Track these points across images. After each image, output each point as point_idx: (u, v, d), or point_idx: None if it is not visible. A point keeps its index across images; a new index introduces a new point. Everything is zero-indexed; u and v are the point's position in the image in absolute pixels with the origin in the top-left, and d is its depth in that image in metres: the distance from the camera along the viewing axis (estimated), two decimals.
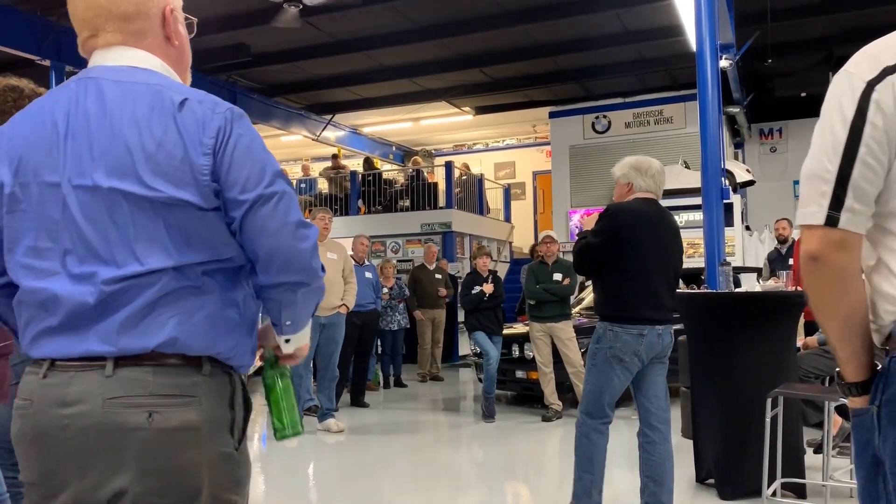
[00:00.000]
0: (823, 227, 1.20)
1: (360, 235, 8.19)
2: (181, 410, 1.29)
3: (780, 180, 15.53)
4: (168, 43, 1.47)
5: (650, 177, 3.69)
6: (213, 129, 1.33)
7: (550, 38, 10.89)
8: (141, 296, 1.29)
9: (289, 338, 1.49)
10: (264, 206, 1.33)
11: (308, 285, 1.39)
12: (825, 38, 10.96)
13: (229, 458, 1.36)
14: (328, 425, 6.46)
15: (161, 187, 1.29)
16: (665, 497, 3.58)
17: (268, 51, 11.15)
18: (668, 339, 3.60)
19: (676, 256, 3.72)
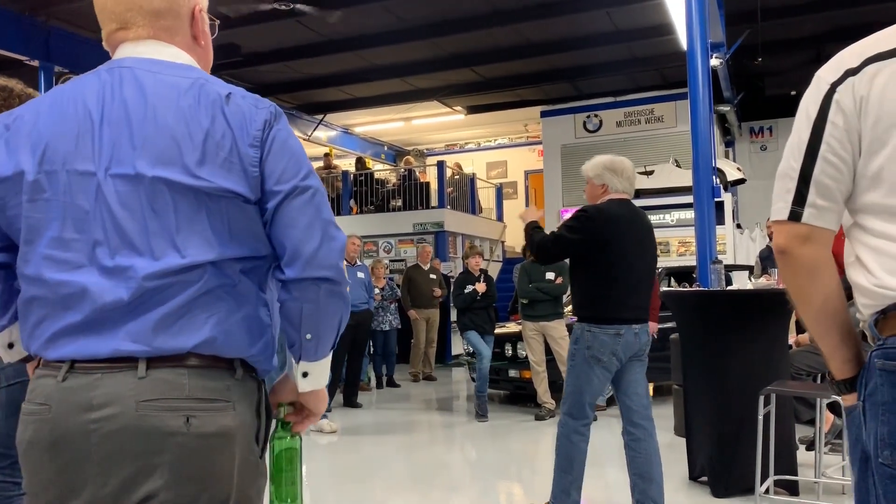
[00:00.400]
0: (788, 221, 1.27)
1: (351, 235, 8.15)
2: (218, 415, 1.25)
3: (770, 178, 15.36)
4: (195, 42, 1.47)
5: (625, 178, 3.74)
6: (259, 122, 1.33)
7: (542, 37, 10.90)
8: (180, 294, 1.25)
9: (307, 370, 1.39)
10: (299, 197, 1.33)
11: (332, 282, 1.33)
12: (815, 36, 11.01)
13: (255, 467, 1.33)
14: (321, 426, 6.45)
15: (209, 177, 1.28)
16: (655, 492, 3.60)
17: (258, 50, 11.12)
18: (645, 338, 3.63)
19: (652, 255, 3.78)
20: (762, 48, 10.62)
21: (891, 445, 1.16)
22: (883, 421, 1.18)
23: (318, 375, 1.41)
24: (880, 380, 1.21)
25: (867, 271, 1.25)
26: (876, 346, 1.24)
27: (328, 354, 1.41)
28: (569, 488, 3.60)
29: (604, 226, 3.55)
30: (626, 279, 3.56)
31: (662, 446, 5.58)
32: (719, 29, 8.78)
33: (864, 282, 1.25)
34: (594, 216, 3.60)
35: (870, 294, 1.25)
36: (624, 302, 3.54)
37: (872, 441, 1.21)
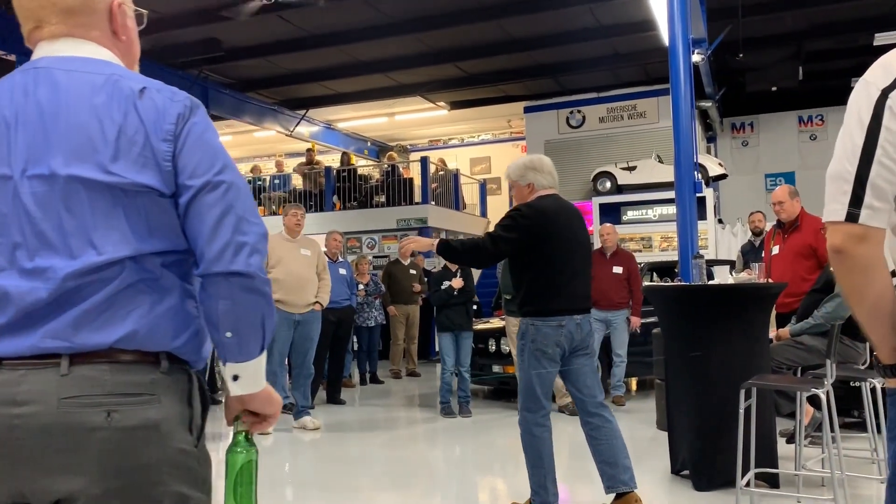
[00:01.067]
0: (845, 222, 1.32)
1: (333, 232, 8.13)
2: (141, 409, 1.27)
3: (751, 173, 15.72)
4: (115, 37, 1.46)
5: (547, 173, 3.84)
6: (172, 116, 1.33)
7: (524, 32, 10.90)
8: (100, 291, 1.27)
9: (236, 373, 1.37)
10: (210, 192, 1.32)
11: (245, 277, 1.32)
12: (795, 32, 11.10)
13: (189, 455, 1.34)
14: (304, 423, 6.42)
15: (123, 172, 1.28)
16: (623, 476, 3.65)
17: (239, 45, 11.05)
18: (587, 328, 3.73)
19: (585, 245, 3.89)
20: (743, 44, 10.69)
21: None
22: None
23: (250, 378, 1.38)
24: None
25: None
26: None
27: (258, 356, 1.37)
28: (544, 481, 3.64)
29: (537, 221, 3.64)
30: (564, 271, 3.66)
31: (645, 440, 5.63)
32: (701, 25, 8.82)
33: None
34: (528, 213, 3.68)
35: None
36: (563, 293, 3.64)
37: None
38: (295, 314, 6.25)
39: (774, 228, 5.94)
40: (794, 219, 5.64)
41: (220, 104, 12.78)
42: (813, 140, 15.36)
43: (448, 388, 6.99)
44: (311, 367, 6.52)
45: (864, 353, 4.56)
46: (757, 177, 15.64)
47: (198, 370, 1.41)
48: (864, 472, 4.37)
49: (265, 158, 18.45)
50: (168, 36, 10.28)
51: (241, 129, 15.89)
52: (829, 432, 3.63)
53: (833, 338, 3.73)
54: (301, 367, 6.45)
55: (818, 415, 4.57)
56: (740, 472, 3.62)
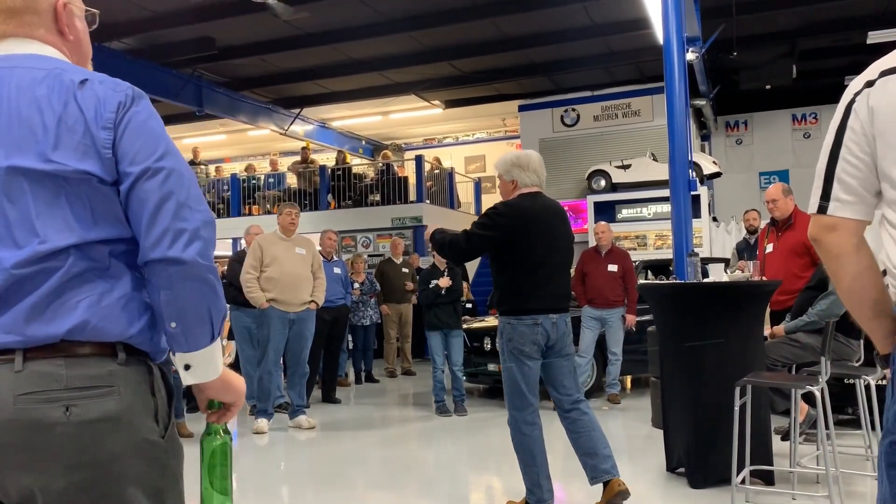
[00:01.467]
0: (817, 214, 1.46)
1: (327, 231, 8.12)
2: (100, 401, 1.26)
3: (746, 172, 15.76)
4: (62, 37, 1.47)
5: (532, 171, 3.83)
6: (113, 105, 1.34)
7: (519, 31, 10.90)
8: (47, 280, 1.26)
9: (188, 362, 1.36)
10: (149, 179, 1.32)
11: (183, 264, 1.30)
12: (788, 31, 11.12)
13: (155, 446, 1.33)
14: (299, 422, 6.41)
15: (63, 160, 1.29)
16: (604, 464, 3.67)
17: (233, 44, 11.01)
18: (563, 327, 3.72)
19: (566, 244, 3.88)
20: (737, 42, 10.70)
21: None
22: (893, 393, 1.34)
23: (202, 366, 1.37)
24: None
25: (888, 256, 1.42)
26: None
27: (208, 345, 1.36)
28: (538, 479, 3.65)
29: (513, 220, 3.66)
30: (540, 270, 3.67)
31: (640, 438, 5.63)
32: (695, 23, 8.83)
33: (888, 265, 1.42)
34: (503, 212, 3.71)
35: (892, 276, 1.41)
36: (538, 293, 3.65)
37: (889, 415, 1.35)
38: (290, 313, 6.24)
39: (768, 226, 5.95)
40: (787, 217, 5.65)
41: (215, 103, 12.74)
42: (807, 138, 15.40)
43: (441, 386, 6.99)
44: (306, 366, 6.52)
45: (858, 350, 4.57)
46: (751, 175, 15.67)
47: (161, 362, 1.41)
48: (859, 468, 4.38)
49: (259, 157, 18.42)
50: (161, 35, 10.25)
51: (236, 128, 15.85)
52: (823, 429, 3.64)
53: (827, 335, 3.73)
54: (296, 366, 6.44)
55: (813, 412, 4.58)
56: (735, 469, 3.63)
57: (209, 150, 17.92)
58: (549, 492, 3.67)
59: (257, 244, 6.31)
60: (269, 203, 14.15)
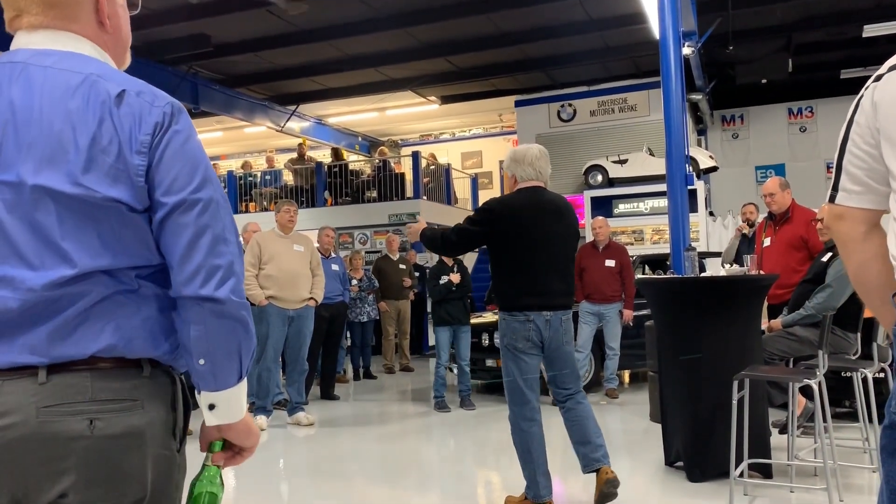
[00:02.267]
0: (828, 203, 1.53)
1: (325, 227, 8.12)
2: (124, 416, 1.23)
3: (742, 166, 15.77)
4: (101, 28, 1.37)
5: (528, 164, 3.82)
6: (149, 125, 1.25)
7: (515, 26, 10.88)
8: (73, 304, 1.22)
9: (212, 402, 1.31)
10: (185, 213, 1.25)
11: (218, 303, 1.25)
12: (784, 25, 11.12)
13: (171, 461, 1.30)
14: (298, 419, 6.42)
15: (93, 185, 1.21)
16: (595, 452, 3.70)
17: (229, 41, 10.98)
18: (557, 325, 3.67)
19: (563, 239, 3.79)
20: (733, 37, 10.71)
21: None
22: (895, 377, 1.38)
23: (228, 407, 1.32)
24: None
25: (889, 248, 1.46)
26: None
27: (235, 384, 1.31)
28: (535, 475, 3.66)
29: (503, 216, 3.66)
30: (531, 266, 3.65)
31: (638, 432, 5.65)
32: (691, 17, 8.82)
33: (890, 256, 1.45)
34: (493, 208, 3.72)
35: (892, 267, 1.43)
36: (530, 289, 3.64)
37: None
38: (289, 310, 6.24)
39: (766, 220, 5.96)
40: (785, 210, 5.66)
41: (210, 100, 12.72)
42: (803, 132, 15.41)
43: (442, 382, 7.00)
44: (304, 362, 6.52)
45: (855, 343, 4.59)
46: (747, 169, 15.69)
47: (182, 372, 1.38)
48: (856, 461, 4.40)
49: (256, 154, 18.39)
50: (156, 32, 10.21)
51: (232, 125, 15.81)
52: (821, 422, 3.65)
53: (825, 328, 3.75)
54: (295, 362, 6.45)
55: (810, 405, 4.60)
56: (733, 462, 3.64)
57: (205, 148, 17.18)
58: (546, 487, 3.68)
59: (256, 241, 6.30)
60: (266, 200, 14.13)
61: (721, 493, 3.84)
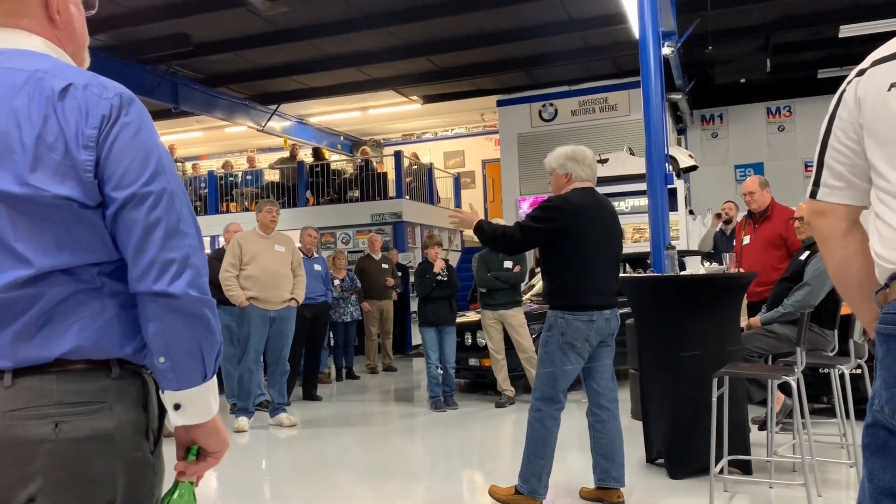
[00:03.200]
0: (809, 199, 1.53)
1: (307, 227, 8.09)
2: (91, 418, 1.20)
3: (721, 164, 15.90)
4: (51, 23, 1.34)
5: (587, 166, 3.85)
6: (96, 118, 1.22)
7: (496, 26, 10.90)
8: (35, 305, 1.20)
9: (178, 401, 1.26)
10: (136, 207, 1.22)
11: (174, 298, 1.22)
12: (762, 25, 11.23)
13: (145, 463, 1.28)
14: (280, 420, 6.40)
15: (41, 184, 1.18)
16: (616, 472, 3.75)
17: (209, 40, 10.90)
18: (615, 323, 3.76)
19: (617, 241, 3.89)
20: (712, 37, 10.79)
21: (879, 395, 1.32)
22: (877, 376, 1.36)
23: (194, 407, 1.27)
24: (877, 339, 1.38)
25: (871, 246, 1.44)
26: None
27: (199, 384, 1.26)
28: (540, 473, 3.67)
29: (569, 214, 3.65)
30: (595, 266, 3.66)
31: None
32: (670, 17, 8.88)
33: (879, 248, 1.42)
34: (559, 205, 3.69)
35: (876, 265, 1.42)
36: (594, 288, 3.65)
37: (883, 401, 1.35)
38: (270, 311, 6.22)
39: (745, 218, 6.02)
40: (764, 209, 5.72)
41: (190, 99, 12.62)
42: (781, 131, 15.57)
43: (436, 381, 6.98)
44: (286, 363, 6.50)
45: (832, 340, 4.64)
46: (727, 168, 15.82)
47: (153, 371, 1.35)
48: (834, 456, 4.46)
49: (237, 154, 18.28)
50: (135, 31, 10.12)
51: (212, 125, 15.71)
52: (799, 419, 3.69)
53: (802, 326, 3.79)
54: (277, 363, 6.42)
55: (789, 402, 4.65)
56: (714, 459, 3.68)
57: (186, 148, 17.75)
58: (545, 488, 3.70)
59: (236, 242, 6.27)
60: (247, 200, 14.05)
61: (702, 490, 3.87)
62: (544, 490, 3.69)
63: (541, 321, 7.46)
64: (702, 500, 3.74)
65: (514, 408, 6.89)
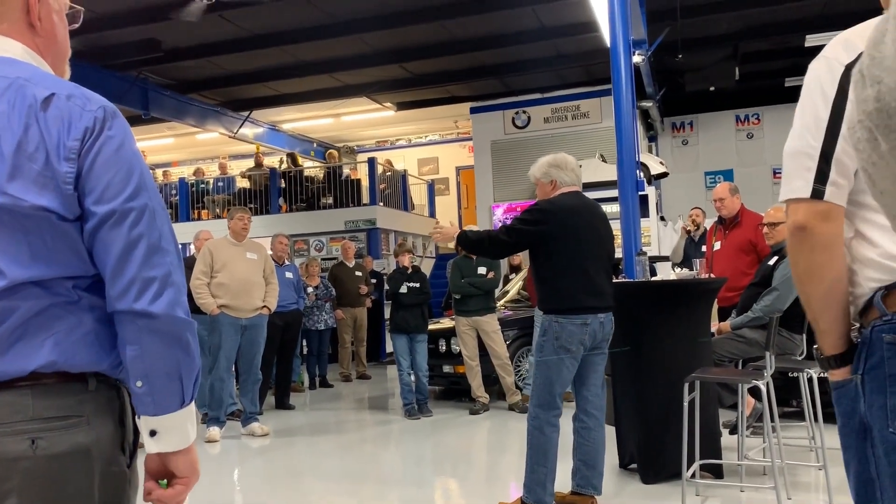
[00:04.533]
0: (809, 199, 1.28)
1: (278, 235, 8.03)
2: (69, 433, 1.17)
3: (691, 171, 16.08)
4: (32, 30, 1.31)
5: (570, 170, 3.86)
6: (79, 131, 1.19)
7: (468, 33, 10.94)
8: (8, 318, 1.16)
9: (154, 428, 1.22)
10: (116, 222, 1.19)
11: (153, 319, 1.19)
12: (731, 34, 11.40)
13: (121, 478, 1.25)
14: (252, 429, 6.33)
15: (19, 193, 1.15)
16: (596, 480, 3.75)
17: (180, 46, 10.80)
18: (609, 327, 3.76)
19: (609, 243, 3.90)
20: (682, 45, 10.93)
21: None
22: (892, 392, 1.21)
23: (171, 434, 1.24)
24: (889, 353, 1.23)
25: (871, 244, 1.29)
26: (883, 321, 1.25)
27: (178, 409, 1.23)
28: (544, 480, 3.65)
29: (559, 217, 3.64)
30: (587, 269, 3.66)
31: None
32: (641, 26, 8.98)
33: (873, 255, 1.28)
34: (547, 208, 3.69)
35: (876, 266, 1.28)
36: (587, 291, 3.64)
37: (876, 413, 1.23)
38: (241, 319, 6.15)
39: (716, 225, 6.09)
40: (734, 215, 5.80)
41: (161, 106, 12.49)
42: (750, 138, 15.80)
43: (409, 388, 6.95)
44: (258, 372, 6.43)
45: (801, 344, 4.71)
46: (697, 174, 16.00)
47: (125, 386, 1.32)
48: (803, 459, 4.52)
49: (209, 161, 18.10)
50: (105, 37, 9.99)
51: (183, 132, 15.55)
52: (769, 422, 3.74)
53: (772, 330, 3.84)
54: (248, 372, 6.35)
55: (759, 406, 4.70)
56: (685, 464, 3.71)
57: (156, 154, 17.54)
58: (551, 496, 3.67)
59: (207, 249, 6.20)
60: (219, 207, 13.91)
61: (674, 495, 3.90)
62: (550, 498, 3.67)
63: (514, 327, 7.51)
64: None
65: (489, 414, 6.89)
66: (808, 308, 1.35)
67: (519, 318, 7.65)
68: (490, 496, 4.08)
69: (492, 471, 5.24)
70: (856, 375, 1.29)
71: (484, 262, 7.03)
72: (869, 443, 1.27)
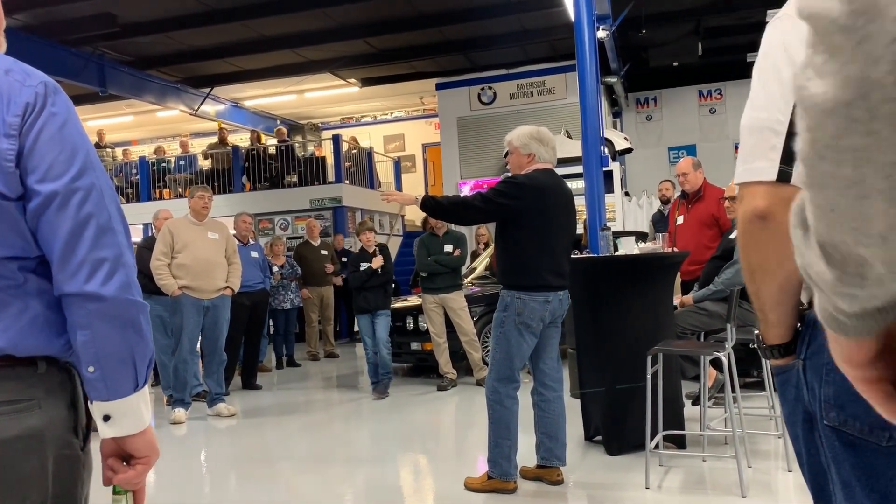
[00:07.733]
0: (775, 183, 1.08)
1: (241, 214, 7.93)
2: (20, 417, 1.14)
3: (655, 147, 16.22)
4: None
5: (550, 147, 3.86)
6: (19, 106, 1.14)
7: (433, 8, 10.84)
8: None
9: (107, 413, 1.19)
10: (63, 202, 1.15)
11: (103, 301, 1.15)
12: (694, 9, 11.46)
13: (74, 461, 1.23)
14: (219, 410, 6.28)
15: None
16: (559, 451, 3.80)
17: (137, 21, 10.53)
18: (566, 304, 3.81)
19: (573, 223, 3.95)
20: (646, 20, 10.96)
21: (836, 407, 1.08)
22: (827, 381, 1.10)
23: (126, 418, 1.20)
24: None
25: None
26: None
27: (131, 393, 1.19)
28: (508, 453, 3.69)
29: (535, 193, 3.64)
30: (554, 248, 3.68)
31: None
32: (605, 1, 8.97)
33: None
34: (525, 183, 3.67)
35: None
36: (551, 271, 3.67)
37: (817, 402, 1.12)
38: (204, 300, 6.07)
39: (679, 199, 6.15)
40: (697, 189, 5.86)
41: (119, 83, 12.19)
42: (712, 113, 15.96)
43: (375, 367, 6.94)
44: (223, 353, 6.37)
45: None
46: (661, 150, 16.15)
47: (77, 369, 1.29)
48: (763, 428, 4.62)
49: (169, 139, 17.76)
50: (57, 10, 9.70)
51: (143, 109, 15.22)
52: (730, 393, 3.81)
53: (733, 303, 3.90)
54: (213, 353, 6.29)
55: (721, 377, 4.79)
56: (649, 435, 3.76)
57: (115, 133, 17.14)
58: (516, 468, 3.72)
59: (167, 229, 6.09)
60: (181, 186, 13.67)
61: (638, 465, 3.96)
62: (515, 470, 3.71)
63: (481, 304, 7.53)
64: (638, 475, 3.84)
65: (456, 390, 6.93)
66: (756, 301, 1.19)
67: (486, 294, 7.68)
68: (458, 472, 4.11)
69: (459, 446, 5.27)
70: (798, 360, 1.17)
71: (450, 240, 7.02)
72: (816, 432, 1.17)
